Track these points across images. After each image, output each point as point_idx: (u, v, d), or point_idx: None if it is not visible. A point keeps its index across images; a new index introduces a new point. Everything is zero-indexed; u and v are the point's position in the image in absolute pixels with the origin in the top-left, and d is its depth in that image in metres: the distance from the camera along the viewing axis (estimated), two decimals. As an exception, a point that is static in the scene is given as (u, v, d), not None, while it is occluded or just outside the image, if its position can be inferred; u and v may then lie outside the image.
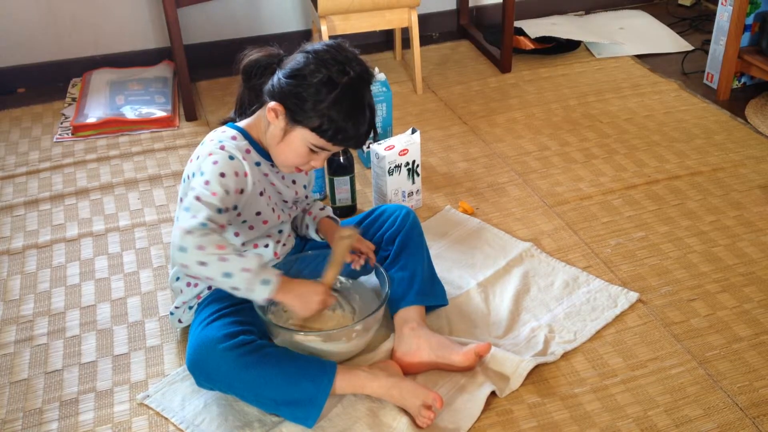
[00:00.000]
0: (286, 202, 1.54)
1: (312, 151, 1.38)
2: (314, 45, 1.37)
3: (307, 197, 1.64)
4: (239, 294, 1.33)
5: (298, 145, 1.38)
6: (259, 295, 1.33)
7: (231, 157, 1.37)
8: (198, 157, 1.41)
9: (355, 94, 1.34)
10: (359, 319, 1.46)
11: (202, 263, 1.28)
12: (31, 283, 1.81)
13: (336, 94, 1.32)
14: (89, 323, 1.68)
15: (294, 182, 1.54)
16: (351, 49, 1.39)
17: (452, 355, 1.47)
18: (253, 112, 1.47)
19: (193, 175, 1.40)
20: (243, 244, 1.49)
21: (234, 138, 1.42)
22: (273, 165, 1.47)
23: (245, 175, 1.39)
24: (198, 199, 1.33)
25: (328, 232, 1.60)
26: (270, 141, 1.41)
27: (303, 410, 1.36)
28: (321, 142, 1.36)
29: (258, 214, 1.45)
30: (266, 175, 1.47)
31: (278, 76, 1.36)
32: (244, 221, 1.45)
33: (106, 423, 1.45)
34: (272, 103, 1.36)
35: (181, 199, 1.47)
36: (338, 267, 1.48)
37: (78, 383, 1.53)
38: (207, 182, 1.34)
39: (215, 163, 1.36)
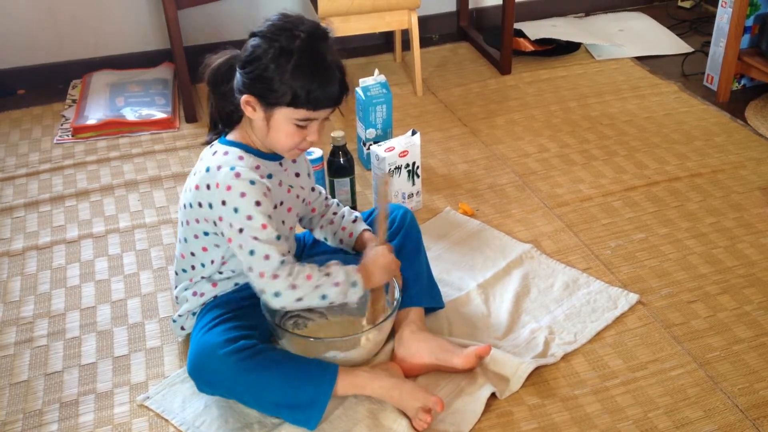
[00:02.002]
0: (303, 201, 1.54)
1: (299, 126, 1.36)
2: (259, 27, 1.35)
3: (314, 189, 1.62)
4: (335, 305, 1.41)
5: (284, 126, 1.36)
6: (352, 297, 1.41)
7: (252, 182, 1.35)
8: (209, 187, 1.37)
9: (313, 52, 1.32)
10: (370, 327, 1.46)
11: (299, 299, 1.36)
12: (31, 285, 1.81)
13: (294, 60, 1.30)
14: (89, 325, 1.68)
15: (298, 175, 1.53)
16: (294, 14, 1.37)
17: (452, 358, 1.46)
18: (237, 120, 1.44)
19: (210, 206, 1.37)
20: None
21: (241, 158, 1.39)
22: (281, 164, 1.46)
23: (268, 189, 1.38)
24: (256, 239, 1.33)
25: (368, 245, 1.57)
26: (260, 135, 1.40)
27: (304, 413, 1.36)
28: (301, 113, 1.34)
29: (277, 229, 1.44)
30: (281, 184, 1.45)
31: (238, 71, 1.36)
32: None
33: (106, 424, 1.44)
34: (243, 97, 1.35)
35: (185, 222, 1.46)
36: (386, 223, 1.50)
37: (78, 385, 1.53)
38: (249, 217, 1.33)
39: (243, 195, 1.34)
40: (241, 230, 1.34)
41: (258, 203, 1.34)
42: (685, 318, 1.65)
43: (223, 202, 1.35)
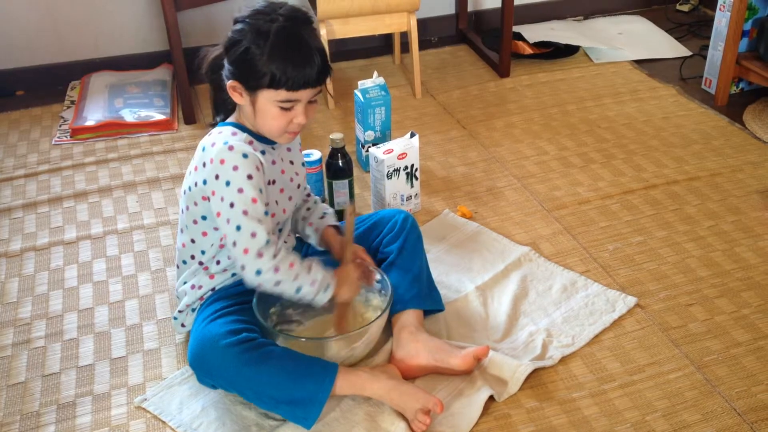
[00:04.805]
0: (299, 187, 1.55)
1: (284, 108, 1.38)
2: (241, 13, 1.37)
3: (299, 186, 1.62)
4: (302, 301, 1.42)
5: (268, 110, 1.38)
6: (320, 300, 1.42)
7: (245, 155, 1.36)
8: (204, 165, 1.39)
9: (288, 34, 1.33)
10: (360, 327, 1.46)
11: (278, 282, 1.37)
12: (29, 286, 1.81)
13: (270, 41, 1.32)
14: (87, 326, 1.68)
15: (292, 163, 1.55)
16: (280, 2, 1.39)
17: (451, 358, 1.47)
18: (232, 109, 1.48)
19: (204, 182, 1.39)
20: None
21: (234, 134, 1.42)
22: (274, 147, 1.48)
23: (261, 164, 1.39)
24: (246, 213, 1.34)
25: (331, 242, 1.59)
26: (250, 121, 1.43)
27: (303, 409, 1.36)
28: (282, 94, 1.35)
29: (266, 204, 1.45)
30: (274, 162, 1.47)
31: (225, 59, 1.38)
32: None
33: (103, 426, 1.44)
34: (229, 83, 1.38)
35: (185, 209, 1.47)
36: (351, 244, 1.50)
37: (75, 386, 1.53)
38: (240, 190, 1.34)
39: (236, 168, 1.35)
40: (232, 204, 1.35)
41: (250, 176, 1.35)
42: (683, 321, 1.65)
43: (216, 176, 1.36)
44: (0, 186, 2.21)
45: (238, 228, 1.34)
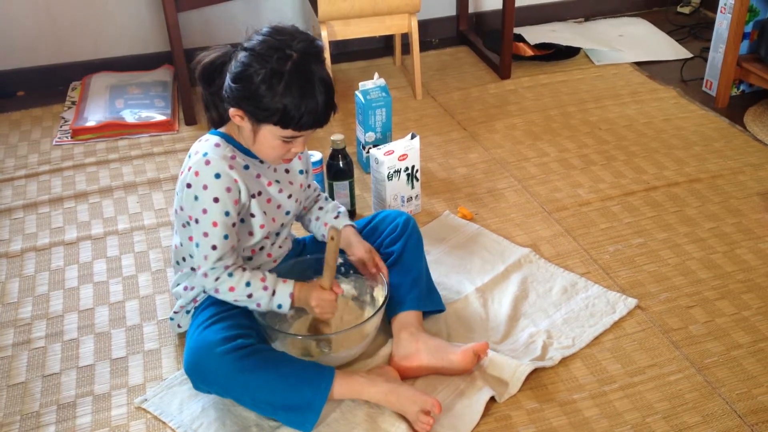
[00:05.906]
0: (290, 197, 1.52)
1: (285, 141, 1.38)
2: (251, 41, 1.35)
3: (309, 186, 1.63)
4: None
5: (270, 141, 1.38)
6: (278, 311, 1.45)
7: (217, 176, 1.37)
8: (185, 171, 1.41)
9: (302, 73, 1.32)
10: (357, 324, 1.47)
11: (225, 301, 1.45)
12: (30, 286, 1.81)
13: (285, 82, 1.30)
14: (87, 326, 1.68)
15: (287, 171, 1.53)
16: (288, 28, 1.37)
17: (450, 355, 1.47)
18: (228, 119, 1.45)
19: (182, 189, 1.40)
20: (243, 249, 1.49)
21: (218, 145, 1.41)
22: (262, 161, 1.47)
23: (235, 181, 1.39)
24: (206, 235, 1.39)
25: (351, 242, 1.58)
26: (248, 142, 1.43)
27: (300, 415, 1.36)
28: (288, 132, 1.36)
29: (252, 216, 1.45)
30: (258, 176, 1.46)
31: (228, 82, 1.36)
32: (242, 221, 1.45)
33: (103, 427, 1.44)
34: (231, 110, 1.37)
35: (176, 210, 1.48)
36: (332, 270, 1.47)
37: (75, 387, 1.53)
38: (205, 211, 1.38)
39: (205, 187, 1.37)
40: (197, 220, 1.39)
41: (216, 199, 1.37)
42: (684, 323, 1.65)
43: (188, 185, 1.39)
44: (1, 186, 2.21)
45: (197, 245, 1.41)
